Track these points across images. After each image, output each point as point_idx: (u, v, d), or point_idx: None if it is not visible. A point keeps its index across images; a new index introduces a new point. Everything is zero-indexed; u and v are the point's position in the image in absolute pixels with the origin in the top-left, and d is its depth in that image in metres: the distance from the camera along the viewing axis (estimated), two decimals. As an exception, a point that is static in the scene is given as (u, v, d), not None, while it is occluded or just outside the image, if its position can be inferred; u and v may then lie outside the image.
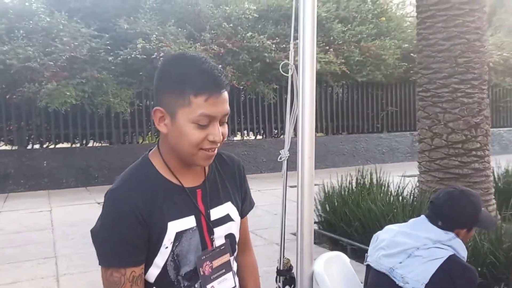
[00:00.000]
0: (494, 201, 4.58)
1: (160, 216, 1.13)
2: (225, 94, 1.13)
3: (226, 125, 1.18)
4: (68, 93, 8.27)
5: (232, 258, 1.28)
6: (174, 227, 1.15)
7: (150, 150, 1.25)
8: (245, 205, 1.38)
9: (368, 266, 2.02)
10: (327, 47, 10.64)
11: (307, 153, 1.56)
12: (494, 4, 21.77)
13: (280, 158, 1.61)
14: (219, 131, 1.13)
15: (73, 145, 9.86)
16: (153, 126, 10.12)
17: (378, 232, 2.08)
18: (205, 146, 1.13)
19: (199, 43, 9.53)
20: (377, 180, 5.31)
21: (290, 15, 1.78)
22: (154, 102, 1.18)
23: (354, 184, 5.24)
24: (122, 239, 1.10)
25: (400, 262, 1.83)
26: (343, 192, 5.08)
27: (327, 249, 4.59)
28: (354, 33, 11.17)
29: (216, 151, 1.17)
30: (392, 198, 4.73)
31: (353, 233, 4.50)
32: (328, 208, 5.07)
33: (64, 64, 8.37)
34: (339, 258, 1.96)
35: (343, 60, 10.73)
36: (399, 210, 4.15)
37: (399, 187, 4.95)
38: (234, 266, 1.31)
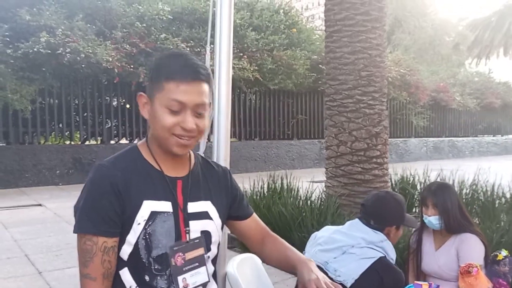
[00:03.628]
0: (391, 204, 4.97)
1: (136, 193, 1.19)
2: (202, 85, 1.19)
3: (204, 118, 1.21)
4: (-43, 87, 7.48)
5: (206, 256, 1.28)
6: (149, 205, 1.20)
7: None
8: (239, 210, 1.42)
9: None
10: (241, 54, 10.80)
11: (222, 156, 1.58)
12: (393, 24, 23.75)
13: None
14: (191, 120, 1.18)
15: (-38, 145, 8.91)
16: (57, 126, 9.50)
17: (316, 232, 2.26)
18: (176, 132, 1.18)
19: (109, 41, 9.13)
20: (287, 185, 5.47)
21: (204, 19, 1.80)
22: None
23: (265, 188, 5.36)
24: (97, 208, 1.16)
25: (335, 257, 1.99)
26: (255, 197, 5.16)
27: (239, 253, 4.63)
28: (267, 42, 11.46)
29: (191, 142, 1.21)
30: (301, 203, 4.90)
31: (263, 237, 4.59)
32: (240, 212, 5.11)
33: (-47, 55, 7.56)
34: (252, 260, 1.99)
35: (256, 67, 10.95)
36: (308, 214, 4.33)
37: (307, 192, 5.15)
38: (210, 265, 1.31)
